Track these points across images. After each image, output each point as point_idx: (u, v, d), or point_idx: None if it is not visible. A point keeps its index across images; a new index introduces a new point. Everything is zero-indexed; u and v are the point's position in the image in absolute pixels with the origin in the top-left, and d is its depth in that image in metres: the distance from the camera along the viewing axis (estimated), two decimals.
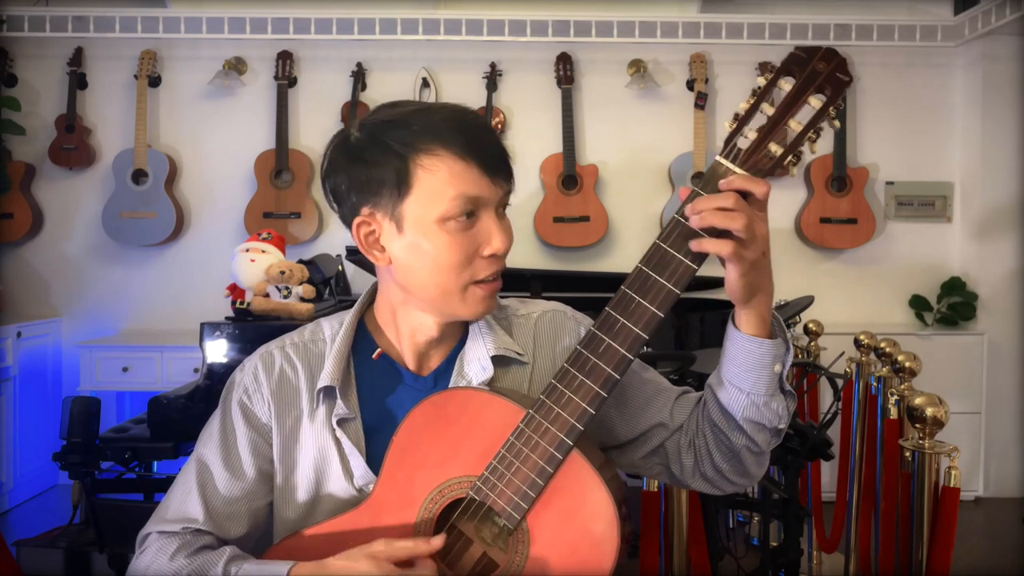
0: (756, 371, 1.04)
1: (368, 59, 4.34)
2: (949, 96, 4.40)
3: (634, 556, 1.94)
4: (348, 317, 1.18)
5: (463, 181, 1.04)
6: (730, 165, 0.98)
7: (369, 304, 1.21)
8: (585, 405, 1.00)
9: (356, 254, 3.42)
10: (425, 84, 4.33)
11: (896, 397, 2.39)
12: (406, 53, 4.33)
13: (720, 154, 0.99)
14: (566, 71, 4.28)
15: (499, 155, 1.08)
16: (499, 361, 1.14)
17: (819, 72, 0.96)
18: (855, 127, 4.40)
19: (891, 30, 4.25)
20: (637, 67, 4.32)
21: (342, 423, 1.12)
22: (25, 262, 4.35)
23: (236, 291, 2.90)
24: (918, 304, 4.37)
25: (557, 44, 4.29)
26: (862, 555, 2.64)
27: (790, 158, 0.98)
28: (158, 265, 4.36)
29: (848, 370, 2.94)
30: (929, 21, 4.28)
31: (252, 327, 2.78)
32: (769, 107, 0.98)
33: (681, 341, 3.16)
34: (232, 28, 4.21)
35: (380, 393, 1.15)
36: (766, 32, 4.24)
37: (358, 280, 3.98)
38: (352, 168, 1.07)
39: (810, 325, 3.43)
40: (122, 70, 4.32)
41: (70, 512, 2.88)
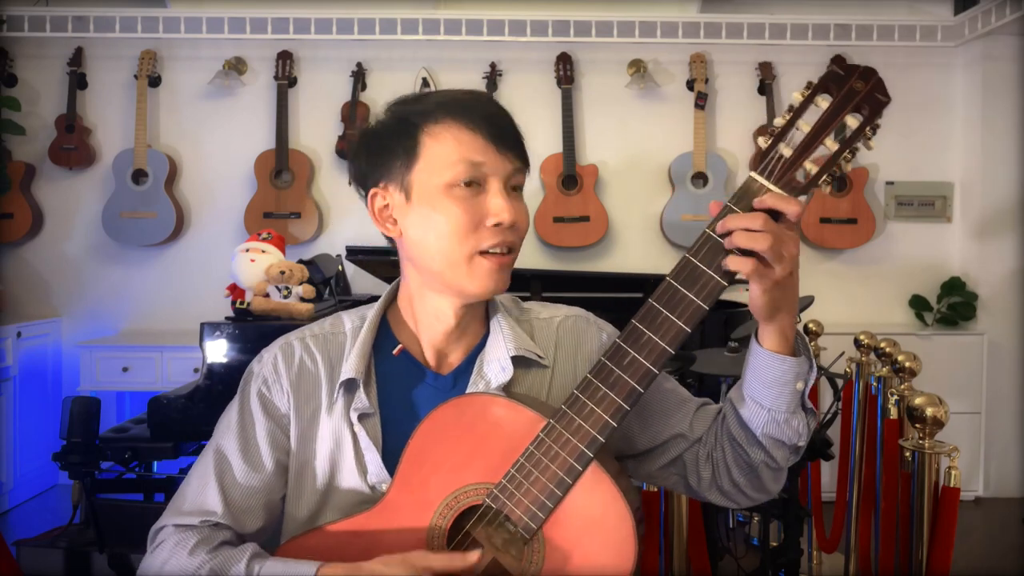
0: (778, 388, 1.04)
1: (368, 59, 4.34)
2: (949, 96, 4.40)
3: None
4: (372, 311, 1.18)
5: (468, 148, 1.06)
6: (764, 181, 0.97)
7: (392, 300, 1.21)
8: (607, 418, 0.99)
9: (356, 254, 3.42)
10: (425, 84, 4.33)
11: (896, 397, 2.39)
12: (406, 53, 4.33)
13: (754, 170, 0.99)
14: (566, 71, 4.28)
15: (508, 129, 1.08)
16: (519, 362, 1.13)
17: (857, 91, 0.95)
18: None
19: (891, 30, 4.25)
20: (637, 67, 4.32)
21: (361, 418, 1.11)
22: (25, 262, 4.35)
23: (236, 291, 2.91)
24: (918, 304, 4.37)
25: (557, 44, 4.29)
26: (862, 555, 2.64)
27: (825, 177, 0.97)
28: (158, 265, 4.36)
29: (848, 370, 2.94)
30: (929, 21, 4.28)
31: (252, 327, 2.78)
32: (805, 124, 0.97)
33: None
34: (232, 28, 4.21)
35: (399, 390, 1.14)
36: (766, 32, 4.24)
37: (358, 280, 3.97)
38: (369, 145, 1.12)
39: (810, 325, 3.43)
40: (122, 70, 4.32)
41: (70, 512, 2.88)
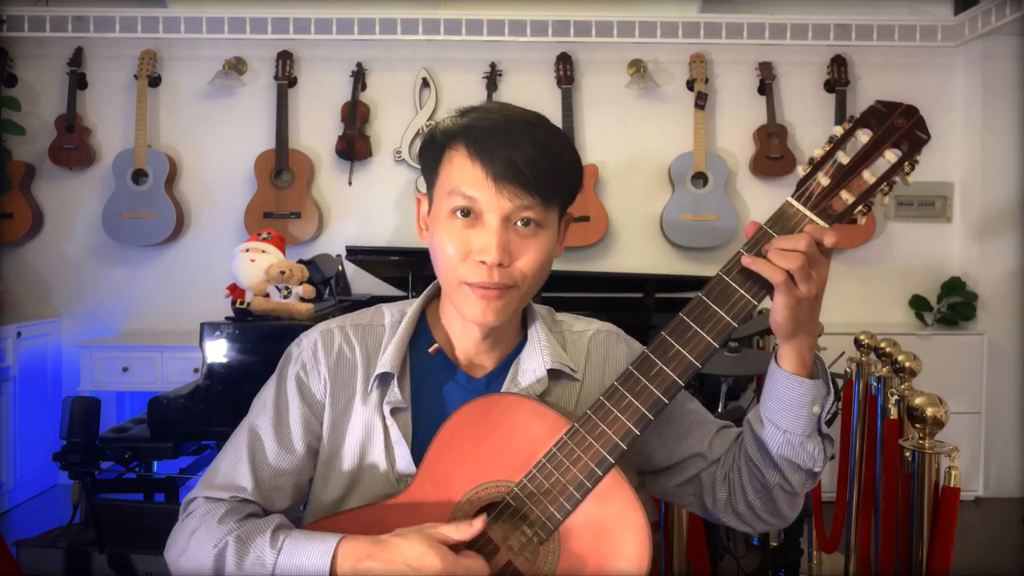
0: (794, 410, 1.05)
1: (368, 59, 4.34)
2: (949, 96, 4.40)
3: None
4: (413, 306, 1.20)
5: (465, 179, 1.06)
6: (800, 207, 1.00)
7: (432, 298, 1.22)
8: (631, 425, 1.01)
9: (356, 254, 3.42)
10: (425, 84, 4.33)
11: (896, 397, 2.38)
12: (406, 53, 4.33)
13: (792, 195, 1.02)
14: (566, 71, 4.28)
15: (516, 166, 1.04)
16: (553, 374, 1.15)
17: (897, 127, 0.98)
18: None
19: (891, 30, 4.25)
20: (637, 67, 4.32)
21: (394, 411, 1.13)
22: (25, 262, 4.35)
23: (236, 291, 2.91)
24: (918, 304, 4.37)
25: (557, 44, 4.29)
26: (862, 555, 2.64)
27: (860, 207, 1.00)
28: (158, 265, 4.36)
29: (848, 370, 2.94)
30: (929, 21, 4.28)
31: (252, 327, 2.78)
32: (844, 156, 0.99)
33: None
34: (232, 28, 4.21)
35: (432, 388, 1.16)
36: (766, 32, 4.24)
37: (358, 280, 3.98)
38: (421, 152, 1.15)
39: None
40: (122, 70, 4.32)
41: (70, 512, 2.88)
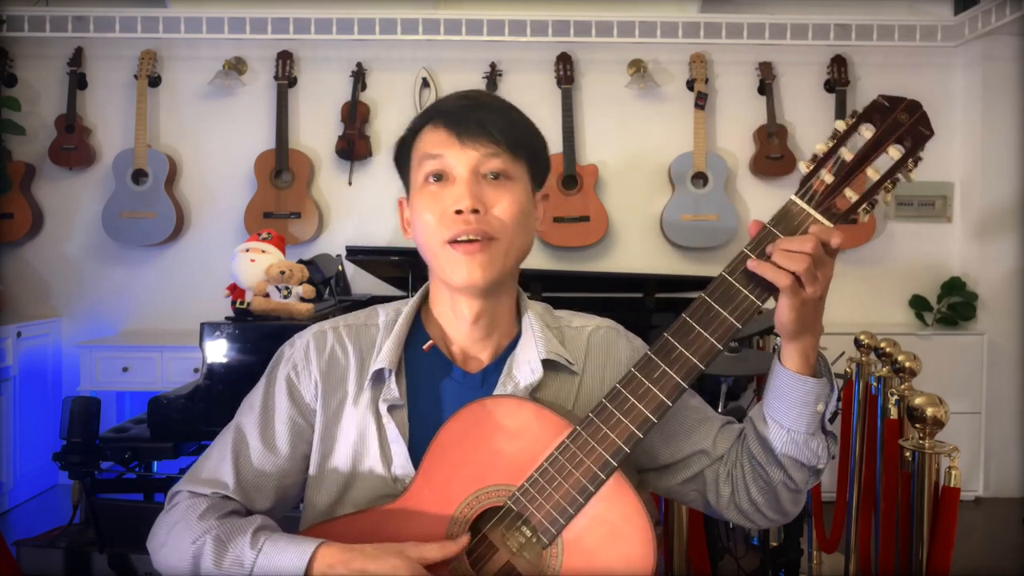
0: (797, 408, 1.05)
1: (368, 59, 4.34)
2: (949, 96, 4.40)
3: None
4: (408, 305, 1.20)
5: (430, 143, 1.12)
6: (804, 205, 1.00)
7: (427, 297, 1.22)
8: (634, 428, 1.01)
9: (356, 254, 3.42)
10: (425, 84, 4.33)
11: (896, 397, 2.38)
12: (406, 53, 4.33)
13: (796, 193, 1.01)
14: (566, 71, 4.28)
15: (472, 117, 1.10)
16: (549, 366, 1.15)
17: (901, 123, 0.97)
18: None
19: (891, 30, 4.25)
20: (637, 67, 4.32)
21: (391, 409, 1.12)
22: (25, 262, 4.35)
23: (236, 291, 2.90)
24: (918, 304, 4.37)
25: (557, 44, 4.29)
26: (862, 555, 2.64)
27: (864, 205, 0.99)
28: (158, 265, 4.36)
29: (848, 370, 2.94)
30: (929, 21, 4.28)
31: (252, 327, 2.77)
32: (848, 152, 0.99)
33: None
34: (232, 28, 4.21)
35: (428, 385, 1.16)
36: (766, 32, 4.24)
37: (358, 280, 3.97)
38: (395, 158, 1.20)
39: None
40: (122, 70, 4.31)
41: (70, 512, 2.88)
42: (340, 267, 3.65)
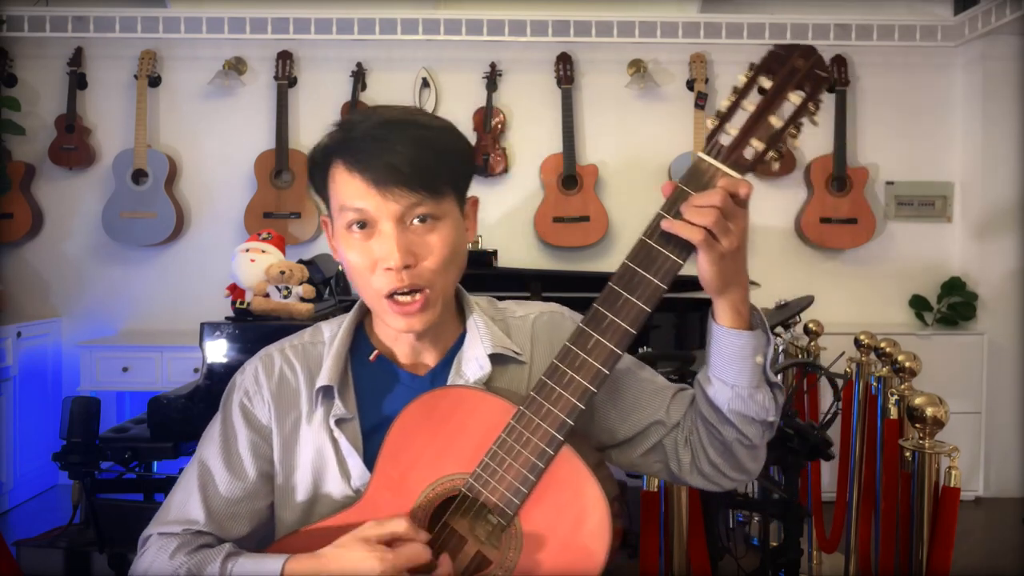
0: (737, 363, 1.05)
1: (368, 59, 4.34)
2: (949, 96, 4.40)
3: (634, 556, 1.94)
4: (347, 319, 1.20)
5: (349, 192, 1.07)
6: (712, 161, 1.00)
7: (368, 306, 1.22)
8: (575, 401, 1.01)
9: None
10: (425, 84, 4.33)
11: (896, 397, 2.39)
12: (406, 53, 4.33)
13: (702, 150, 1.01)
14: (566, 71, 4.28)
15: (395, 169, 1.04)
16: (497, 360, 1.15)
17: (798, 69, 0.98)
18: (855, 127, 4.40)
19: (891, 30, 4.25)
20: (637, 67, 4.32)
21: (340, 423, 1.12)
22: (25, 262, 4.35)
23: (236, 291, 2.90)
24: (918, 304, 4.37)
25: (557, 44, 4.29)
26: (862, 555, 2.64)
27: (771, 153, 1.00)
28: (158, 265, 4.36)
29: (848, 370, 2.94)
30: (929, 21, 4.28)
31: (252, 327, 2.77)
32: (751, 105, 0.99)
33: (681, 341, 3.16)
34: (232, 28, 4.21)
35: (378, 395, 1.16)
36: (766, 32, 4.24)
37: None
38: (311, 178, 1.15)
39: (810, 325, 3.43)
40: (122, 70, 4.31)
41: (70, 512, 2.88)
42: (340, 267, 3.65)
